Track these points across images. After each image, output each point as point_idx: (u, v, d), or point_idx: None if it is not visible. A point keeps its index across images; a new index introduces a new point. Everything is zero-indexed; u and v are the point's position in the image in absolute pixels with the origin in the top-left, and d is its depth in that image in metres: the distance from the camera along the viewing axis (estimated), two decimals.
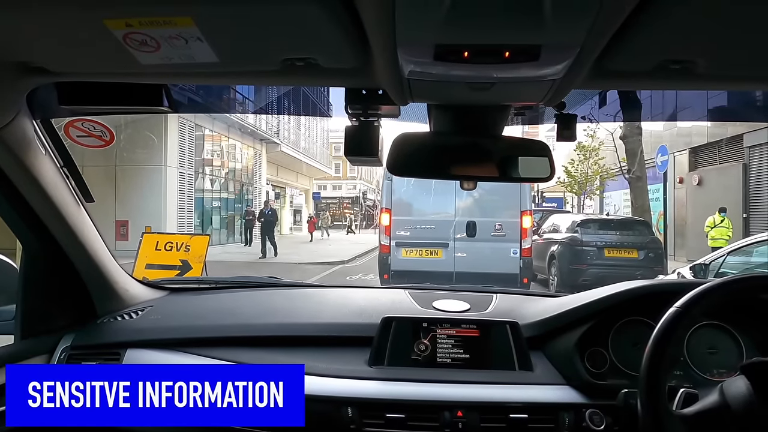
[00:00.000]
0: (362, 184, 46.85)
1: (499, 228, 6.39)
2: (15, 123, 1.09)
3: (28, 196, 1.24)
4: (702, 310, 1.07)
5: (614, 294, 1.40)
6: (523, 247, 6.35)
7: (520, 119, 1.24)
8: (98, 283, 1.49)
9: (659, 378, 1.00)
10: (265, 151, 21.40)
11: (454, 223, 6.46)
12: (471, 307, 1.55)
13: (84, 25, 0.76)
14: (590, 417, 1.23)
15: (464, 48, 0.77)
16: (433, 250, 6.48)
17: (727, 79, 0.97)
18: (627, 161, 12.17)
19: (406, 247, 6.51)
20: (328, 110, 13.44)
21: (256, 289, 1.83)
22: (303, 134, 26.77)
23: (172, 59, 0.83)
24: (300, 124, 25.77)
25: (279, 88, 2.71)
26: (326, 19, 0.72)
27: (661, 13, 0.68)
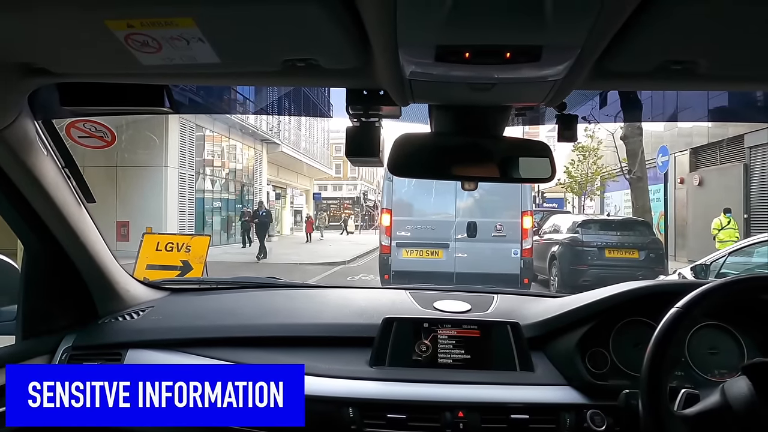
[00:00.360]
0: (363, 185, 46.86)
1: (499, 228, 6.41)
2: (17, 124, 1.09)
3: (30, 197, 1.24)
4: (703, 311, 1.07)
5: (615, 294, 1.40)
6: (524, 248, 6.36)
7: (520, 120, 1.24)
8: (99, 284, 1.50)
9: (660, 378, 1.00)
10: (265, 151, 21.38)
11: (454, 223, 6.48)
12: (472, 308, 1.55)
13: (86, 26, 0.76)
14: (591, 417, 1.23)
15: (465, 49, 0.77)
16: (433, 251, 6.49)
17: (728, 79, 0.97)
18: (628, 162, 12.16)
19: (407, 247, 6.53)
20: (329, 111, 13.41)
21: (257, 289, 1.83)
22: (303, 135, 26.75)
23: (173, 60, 0.83)
24: (300, 124, 25.74)
25: (279, 89, 2.73)
26: (327, 19, 0.72)
27: (662, 14, 0.68)
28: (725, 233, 10.35)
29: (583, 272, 8.20)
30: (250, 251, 14.99)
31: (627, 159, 12.25)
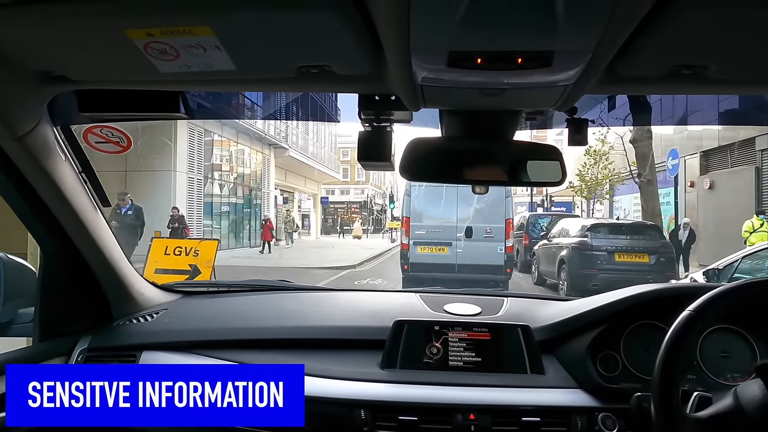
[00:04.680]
0: (371, 189, 46.87)
1: (489, 231, 8.38)
2: (37, 130, 1.11)
3: (49, 201, 1.26)
4: (716, 314, 1.06)
5: (626, 298, 1.40)
6: (507, 246, 8.37)
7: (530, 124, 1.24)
8: (114, 287, 1.51)
9: (673, 380, 0.99)
10: (273, 155, 21.48)
11: (456, 228, 8.41)
12: (482, 311, 1.55)
13: (106, 35, 0.78)
14: (603, 420, 1.23)
15: (477, 54, 0.77)
16: (440, 248, 8.47)
17: (739, 83, 0.97)
18: (637, 165, 12.10)
19: (421, 245, 8.48)
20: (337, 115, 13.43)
21: (267, 292, 1.84)
22: (311, 139, 26.84)
23: (190, 67, 0.85)
24: (308, 128, 25.85)
25: (289, 94, 2.74)
26: (341, 26, 0.73)
27: (673, 19, 0.68)
28: (757, 236, 9.81)
29: (593, 276, 8.16)
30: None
31: (636, 162, 12.18)
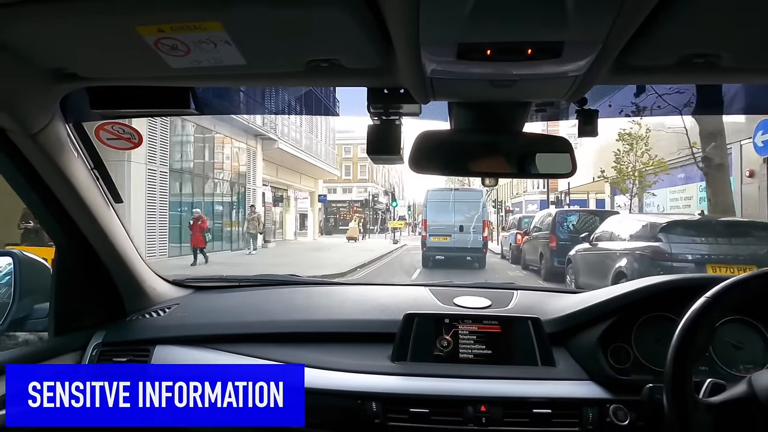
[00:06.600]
0: (374, 187, 44.73)
1: (473, 228, 14.08)
2: (50, 127, 1.17)
3: (62, 198, 1.32)
4: (733, 302, 1.06)
5: (637, 289, 1.45)
6: (484, 235, 14.12)
7: (540, 115, 1.29)
8: (127, 282, 1.58)
9: (686, 366, 1.00)
10: (260, 148, 19.39)
11: (453, 225, 14.10)
12: (492, 304, 1.60)
13: (117, 32, 0.82)
14: (614, 412, 1.26)
15: (487, 46, 0.81)
16: (444, 237, 14.13)
17: (752, 71, 0.99)
18: (702, 146, 9.48)
19: (433, 236, 14.20)
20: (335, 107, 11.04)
21: (278, 287, 1.91)
22: (305, 131, 24.47)
23: (201, 62, 0.90)
24: (302, 119, 23.46)
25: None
26: (351, 20, 0.77)
27: (684, 8, 0.72)
28: None
29: None
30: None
31: (700, 143, 9.56)
